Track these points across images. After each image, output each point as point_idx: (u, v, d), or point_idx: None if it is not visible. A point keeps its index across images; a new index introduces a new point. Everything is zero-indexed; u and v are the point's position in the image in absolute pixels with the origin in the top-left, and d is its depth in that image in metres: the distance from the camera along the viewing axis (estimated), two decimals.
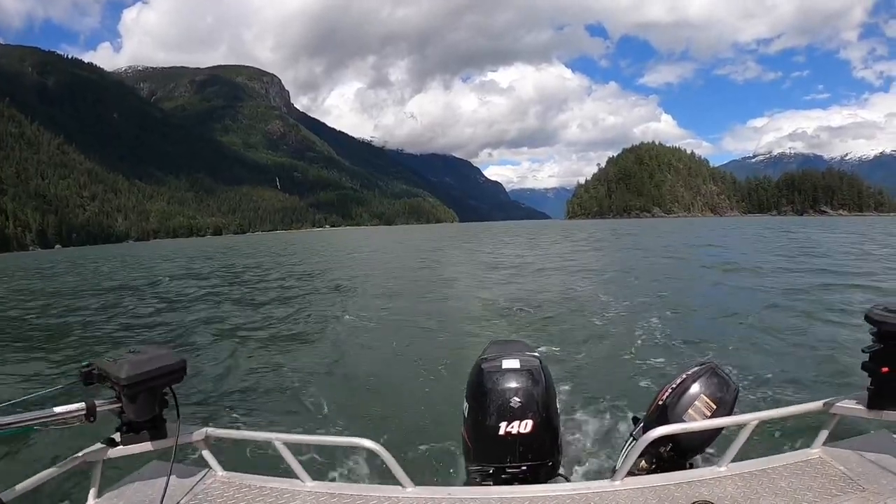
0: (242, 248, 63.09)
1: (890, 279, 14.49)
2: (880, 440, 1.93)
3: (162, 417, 1.90)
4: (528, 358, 2.34)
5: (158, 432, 1.88)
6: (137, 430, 1.85)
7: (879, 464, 1.78)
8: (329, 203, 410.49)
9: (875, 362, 1.76)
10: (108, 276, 29.15)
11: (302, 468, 1.94)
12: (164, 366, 1.79)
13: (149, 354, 1.80)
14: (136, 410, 1.79)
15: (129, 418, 1.82)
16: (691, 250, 28.99)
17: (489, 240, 52.23)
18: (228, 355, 8.29)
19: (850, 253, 23.13)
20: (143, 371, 1.73)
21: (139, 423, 1.84)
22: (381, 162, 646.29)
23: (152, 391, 1.80)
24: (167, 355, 1.83)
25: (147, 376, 1.74)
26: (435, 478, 3.81)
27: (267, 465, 2.41)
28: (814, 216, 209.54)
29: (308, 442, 2.63)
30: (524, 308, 11.63)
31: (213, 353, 8.63)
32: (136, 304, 15.73)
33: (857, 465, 1.80)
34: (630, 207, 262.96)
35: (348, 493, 1.87)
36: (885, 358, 1.73)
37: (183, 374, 1.86)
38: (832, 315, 9.29)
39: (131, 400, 1.77)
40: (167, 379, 1.82)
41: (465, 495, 1.87)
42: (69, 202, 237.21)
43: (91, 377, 1.74)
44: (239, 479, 1.96)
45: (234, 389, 6.54)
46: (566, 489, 1.86)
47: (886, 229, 49.21)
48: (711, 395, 2.29)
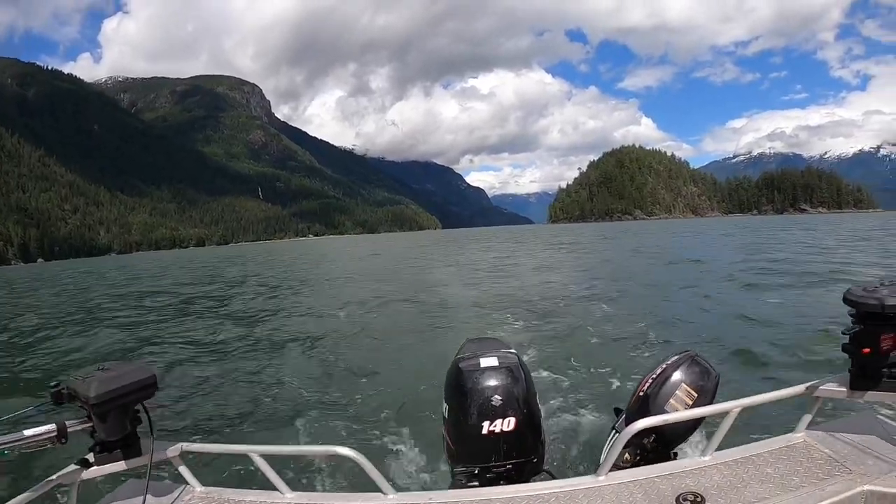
0: (222, 259, 62.75)
1: (857, 267, 15.34)
2: (864, 421, 1.94)
3: (136, 434, 1.84)
4: (506, 355, 2.34)
5: (132, 450, 1.83)
6: (111, 449, 1.79)
7: (864, 444, 1.80)
8: (312, 212, 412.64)
9: (855, 344, 1.77)
10: (83, 291, 28.83)
11: (281, 480, 1.92)
12: (134, 381, 1.74)
13: (118, 370, 1.75)
14: (108, 429, 1.74)
15: (101, 437, 1.76)
16: (671, 249, 30.40)
17: (468, 245, 53.67)
18: (201, 368, 8.30)
19: (814, 246, 24.85)
20: (113, 388, 1.68)
21: (112, 442, 1.78)
22: (362, 170, 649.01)
23: (123, 408, 1.75)
24: (137, 370, 1.79)
25: (117, 393, 1.69)
26: (417, 483, 3.80)
27: (245, 478, 2.38)
28: (794, 214, 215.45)
29: (285, 453, 2.59)
30: (499, 306, 11.91)
31: (186, 366, 8.59)
32: (108, 318, 15.66)
33: (843, 447, 1.82)
34: (612, 210, 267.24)
35: (328, 503, 1.89)
36: (866, 339, 1.74)
37: (154, 389, 1.82)
38: (809, 299, 9.55)
39: (102, 419, 1.72)
40: (138, 395, 1.77)
41: (447, 499, 1.87)
42: (51, 215, 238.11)
43: (61, 397, 1.69)
44: (217, 494, 1.94)
45: (208, 403, 6.47)
46: (551, 487, 1.85)
47: (858, 225, 53.26)
48: (692, 383, 2.29)
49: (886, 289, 1.71)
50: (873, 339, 1.72)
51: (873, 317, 1.71)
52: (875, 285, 1.75)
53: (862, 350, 1.75)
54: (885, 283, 1.75)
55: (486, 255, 34.23)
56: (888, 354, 1.73)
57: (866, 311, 1.72)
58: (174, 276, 35.23)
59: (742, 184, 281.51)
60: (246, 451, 1.97)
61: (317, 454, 3.57)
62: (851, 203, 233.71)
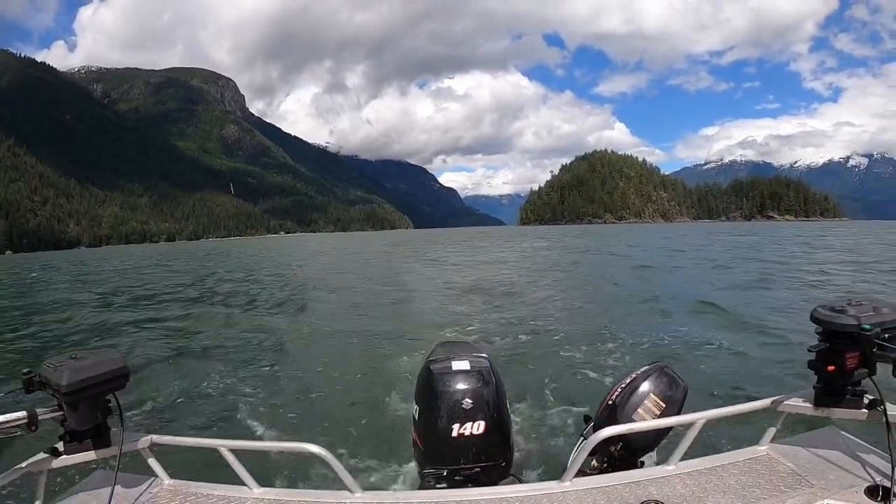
0: (190, 254, 62.74)
1: (830, 279, 15.43)
2: (827, 436, 1.98)
3: (106, 425, 1.86)
4: (477, 359, 2.38)
5: (102, 440, 1.85)
6: (81, 438, 1.81)
7: (827, 459, 1.83)
8: (284, 209, 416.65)
9: (821, 361, 1.81)
10: (49, 283, 28.99)
11: (248, 474, 1.94)
12: (106, 371, 1.76)
13: (90, 360, 1.76)
14: (79, 418, 1.76)
15: (71, 427, 1.78)
16: (642, 251, 31.76)
17: (440, 245, 54.53)
18: (173, 360, 8.27)
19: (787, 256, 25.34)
20: (85, 377, 1.70)
21: (82, 432, 1.80)
22: (335, 168, 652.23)
23: (95, 398, 1.77)
24: (109, 360, 1.80)
25: (88, 383, 1.70)
26: (385, 482, 3.81)
27: (213, 471, 2.36)
28: (761, 221, 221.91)
29: (254, 448, 2.61)
30: (470, 309, 11.84)
31: (157, 358, 8.46)
32: (80, 308, 15.64)
33: (805, 461, 1.85)
34: (582, 214, 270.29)
35: (295, 500, 1.88)
36: (831, 357, 1.79)
37: (126, 380, 1.83)
38: (778, 316, 9.48)
39: (73, 408, 1.73)
40: (110, 385, 1.78)
41: (414, 499, 1.90)
42: (20, 206, 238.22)
43: (32, 384, 1.70)
44: (185, 487, 1.95)
45: (178, 395, 6.38)
46: (514, 491, 1.87)
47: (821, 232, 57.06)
48: (661, 393, 2.33)
49: (853, 308, 1.75)
50: (839, 357, 1.77)
51: (839, 335, 1.74)
52: (842, 304, 1.79)
53: (827, 367, 1.80)
54: (852, 302, 1.79)
55: (454, 255, 35.42)
56: (852, 372, 1.78)
57: (833, 330, 1.76)
58: (149, 270, 35.17)
59: (711, 190, 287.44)
60: (215, 445, 1.98)
61: (285, 450, 3.58)
62: (818, 211, 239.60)
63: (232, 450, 1.95)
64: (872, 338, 1.69)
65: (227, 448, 1.94)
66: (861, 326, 1.69)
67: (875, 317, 1.72)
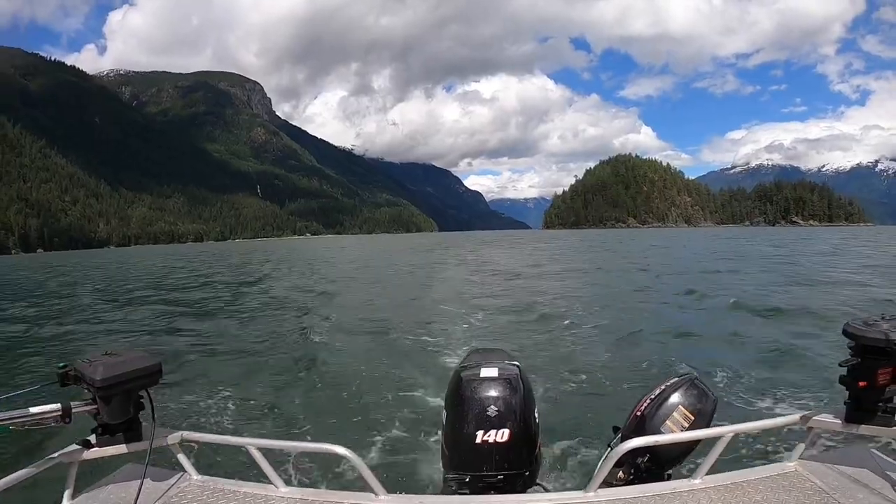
0: (222, 254, 64.66)
1: (865, 291, 15.01)
2: (857, 454, 1.93)
3: (138, 420, 1.90)
4: (507, 366, 2.35)
5: (134, 435, 1.89)
6: (113, 432, 1.85)
7: (856, 478, 1.79)
8: (310, 211, 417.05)
9: (852, 376, 1.77)
10: (84, 281, 30.04)
11: (276, 473, 1.96)
12: (139, 368, 1.79)
13: (124, 356, 1.80)
14: (111, 413, 1.79)
15: (104, 420, 1.82)
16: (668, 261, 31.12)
17: (469, 248, 55.02)
18: (205, 359, 8.53)
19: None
20: (119, 373, 1.73)
21: (114, 426, 1.84)
22: (361, 170, 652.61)
23: (127, 394, 1.80)
24: (143, 358, 1.83)
25: (122, 378, 1.74)
26: (410, 486, 3.83)
27: (241, 469, 2.41)
28: (785, 226, 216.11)
29: (282, 447, 2.68)
30: (507, 316, 11.94)
31: (190, 356, 8.79)
32: (114, 308, 16.16)
33: (834, 480, 1.81)
34: (605, 218, 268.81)
35: (320, 500, 1.90)
36: (862, 372, 1.75)
37: (159, 376, 1.86)
38: (810, 329, 9.49)
39: (106, 402, 1.77)
40: (143, 381, 1.82)
41: (435, 503, 1.89)
42: (51, 206, 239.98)
43: (68, 378, 1.74)
44: (213, 483, 1.99)
45: (209, 394, 6.55)
46: (539, 499, 1.88)
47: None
48: (690, 406, 2.31)
49: (887, 323, 1.71)
50: (870, 372, 1.73)
51: (871, 350, 1.71)
52: (875, 319, 1.75)
53: (858, 383, 1.76)
54: (885, 317, 1.75)
55: (486, 259, 35.60)
56: (884, 389, 1.74)
57: (865, 345, 1.72)
58: (180, 270, 36.18)
59: (735, 195, 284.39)
60: (243, 443, 2.01)
61: (312, 451, 3.61)
62: (843, 217, 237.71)
63: (259, 448, 1.98)
64: None
65: (254, 447, 1.98)
66: (894, 342, 1.65)
67: None
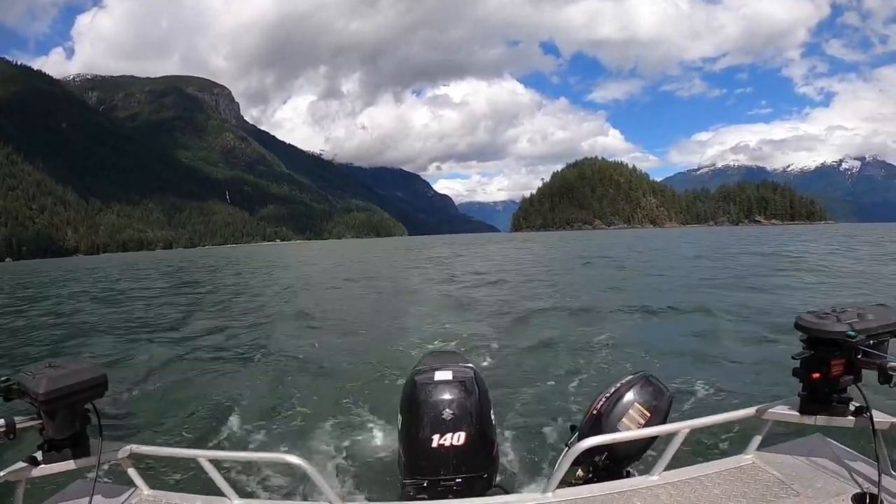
0: (185, 261, 63.11)
1: (802, 286, 15.25)
2: (813, 444, 1.98)
3: (85, 434, 1.83)
4: (461, 369, 2.35)
5: (81, 450, 1.82)
6: (59, 447, 1.78)
7: (813, 467, 1.83)
8: (280, 217, 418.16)
9: (806, 368, 1.80)
10: (37, 289, 29.39)
11: (228, 485, 1.92)
12: (84, 380, 1.73)
13: (68, 368, 1.74)
14: (57, 428, 1.74)
15: (49, 436, 1.76)
16: (626, 260, 31.02)
17: (435, 251, 54.50)
18: (154, 369, 8.08)
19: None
20: (63, 386, 1.67)
21: (61, 441, 1.78)
22: (330, 175, 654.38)
23: (72, 407, 1.74)
24: (88, 369, 1.77)
25: (66, 391, 1.68)
26: (367, 494, 3.75)
27: (193, 482, 2.36)
28: (747, 226, 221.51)
29: (234, 458, 2.66)
30: (462, 318, 11.66)
31: (138, 366, 8.27)
32: (59, 316, 15.57)
33: (791, 469, 1.84)
34: (572, 220, 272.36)
35: None
36: (816, 364, 1.77)
37: (104, 388, 1.81)
38: (762, 323, 9.43)
39: (51, 417, 1.71)
40: (88, 394, 1.76)
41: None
42: (18, 214, 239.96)
43: (11, 392, 1.68)
44: (164, 498, 1.93)
45: (157, 405, 6.31)
46: (497, 502, 1.87)
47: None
48: (646, 403, 2.32)
49: (837, 315, 1.75)
50: (823, 364, 1.76)
51: (824, 342, 1.74)
52: (826, 312, 1.79)
53: (812, 375, 1.79)
54: (836, 309, 1.79)
55: (447, 262, 35.47)
56: (838, 380, 1.77)
57: (817, 337, 1.76)
58: (134, 278, 34.95)
59: (700, 196, 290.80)
60: (194, 455, 1.97)
61: (265, 461, 3.58)
62: (804, 215, 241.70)
63: (212, 460, 1.94)
64: (857, 344, 1.69)
65: (206, 458, 1.93)
66: (846, 333, 1.68)
67: (860, 323, 1.72)
